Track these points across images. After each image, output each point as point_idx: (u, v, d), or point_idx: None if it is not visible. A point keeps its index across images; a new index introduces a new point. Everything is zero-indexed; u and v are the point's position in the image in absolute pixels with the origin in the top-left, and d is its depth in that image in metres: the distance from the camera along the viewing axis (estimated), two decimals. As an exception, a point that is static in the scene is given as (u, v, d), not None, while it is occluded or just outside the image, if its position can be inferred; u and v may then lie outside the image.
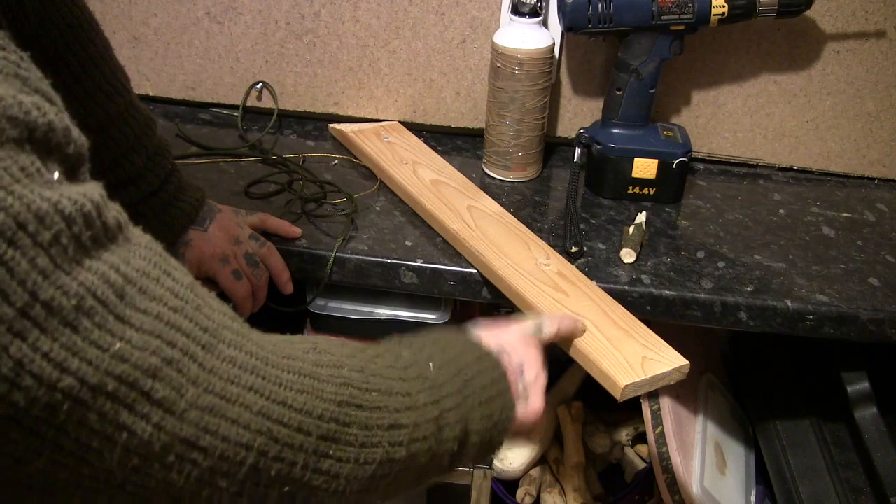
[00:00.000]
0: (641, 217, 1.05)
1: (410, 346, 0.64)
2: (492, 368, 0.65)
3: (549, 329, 0.78)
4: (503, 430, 0.65)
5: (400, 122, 1.22)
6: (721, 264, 1.00)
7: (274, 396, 0.49)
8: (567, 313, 0.84)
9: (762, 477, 1.17)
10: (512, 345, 0.71)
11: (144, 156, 0.84)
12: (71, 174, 0.45)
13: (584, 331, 0.83)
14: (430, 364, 0.62)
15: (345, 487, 0.53)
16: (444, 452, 0.60)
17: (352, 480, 0.53)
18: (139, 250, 0.47)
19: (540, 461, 1.22)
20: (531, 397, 0.70)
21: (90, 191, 0.44)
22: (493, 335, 0.71)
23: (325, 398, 0.52)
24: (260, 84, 1.22)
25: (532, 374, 0.70)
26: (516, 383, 0.68)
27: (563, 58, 1.18)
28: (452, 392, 0.61)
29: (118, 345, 0.43)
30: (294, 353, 0.53)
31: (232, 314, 0.51)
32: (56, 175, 0.43)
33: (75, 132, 0.46)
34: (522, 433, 0.71)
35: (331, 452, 0.52)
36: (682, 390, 1.11)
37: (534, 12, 1.05)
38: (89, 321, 0.42)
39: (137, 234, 0.48)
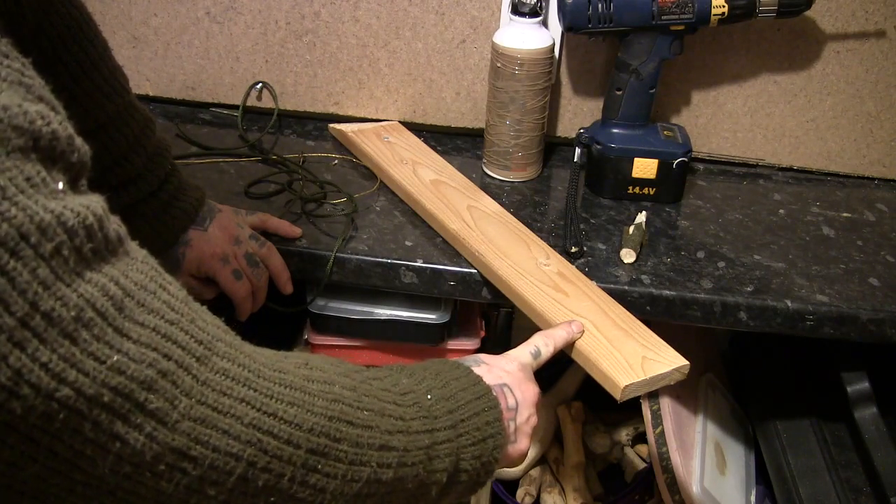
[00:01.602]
0: (641, 217, 1.05)
1: (411, 375, 0.65)
2: (488, 410, 0.66)
3: (547, 351, 0.79)
4: (490, 470, 0.67)
5: (400, 122, 1.22)
6: (721, 264, 1.00)
7: (265, 408, 0.50)
8: (561, 322, 0.84)
9: (762, 477, 1.17)
10: (511, 382, 0.71)
11: (144, 156, 0.84)
12: (73, 184, 0.45)
13: (582, 332, 0.83)
14: (429, 396, 0.63)
15: (329, 502, 0.54)
16: (432, 483, 0.61)
17: (337, 496, 0.54)
18: (137, 264, 0.47)
19: (540, 461, 1.22)
20: (519, 439, 0.71)
21: (93, 203, 0.45)
22: (493, 371, 0.71)
23: (315, 412, 0.52)
24: (260, 84, 1.22)
25: (524, 415, 0.71)
26: (509, 424, 0.69)
27: (563, 58, 1.18)
28: (447, 427, 0.62)
29: (116, 357, 0.43)
30: (286, 367, 0.53)
31: (225, 327, 0.52)
32: (61, 185, 0.43)
33: (78, 141, 0.46)
34: (501, 467, 0.71)
35: (319, 467, 0.52)
36: (682, 390, 1.11)
37: (534, 12, 1.05)
38: (88, 333, 0.43)
39: (135, 248, 0.48)
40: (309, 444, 0.52)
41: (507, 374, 0.72)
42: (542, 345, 0.79)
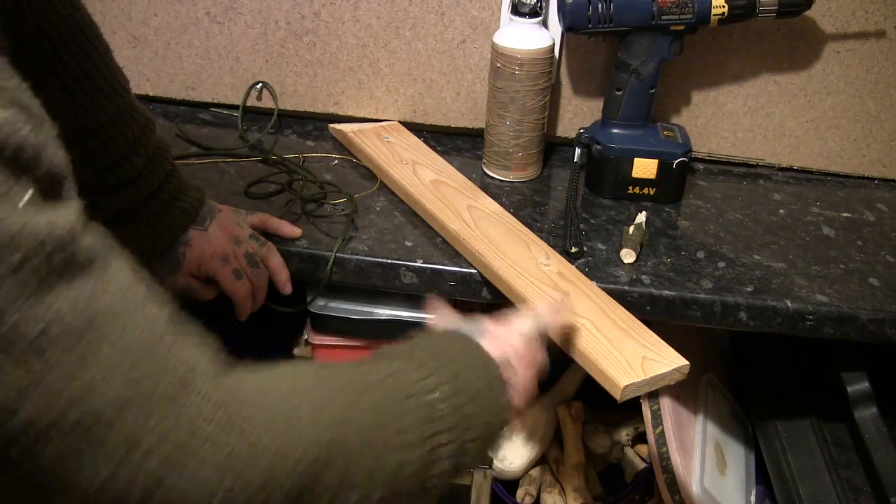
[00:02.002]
0: (641, 217, 1.05)
1: (421, 366, 0.61)
2: (496, 397, 0.65)
3: (551, 321, 0.77)
4: (492, 449, 0.65)
5: (400, 122, 1.22)
6: (721, 264, 1.00)
7: (245, 437, 0.47)
8: (548, 300, 0.83)
9: (762, 477, 1.17)
10: (515, 357, 0.69)
11: (144, 156, 0.84)
12: (47, 194, 0.43)
13: (570, 307, 0.82)
14: (437, 392, 0.60)
15: None
16: (432, 487, 0.58)
17: None
18: (115, 280, 0.44)
19: (540, 461, 1.22)
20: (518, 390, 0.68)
21: (67, 214, 0.43)
22: (498, 344, 0.69)
23: (301, 442, 0.49)
24: (260, 84, 1.22)
25: (521, 380, 0.69)
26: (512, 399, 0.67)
27: (563, 58, 1.18)
28: (451, 427, 0.60)
29: (82, 377, 0.41)
30: (271, 392, 0.50)
31: (211, 352, 0.49)
32: (28, 195, 0.41)
33: (51, 149, 0.43)
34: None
35: (304, 498, 0.49)
36: (682, 390, 1.11)
37: (534, 12, 1.05)
38: (52, 353, 0.40)
39: (116, 264, 0.46)
40: (294, 476, 0.48)
41: (510, 350, 0.69)
42: (541, 319, 0.76)
